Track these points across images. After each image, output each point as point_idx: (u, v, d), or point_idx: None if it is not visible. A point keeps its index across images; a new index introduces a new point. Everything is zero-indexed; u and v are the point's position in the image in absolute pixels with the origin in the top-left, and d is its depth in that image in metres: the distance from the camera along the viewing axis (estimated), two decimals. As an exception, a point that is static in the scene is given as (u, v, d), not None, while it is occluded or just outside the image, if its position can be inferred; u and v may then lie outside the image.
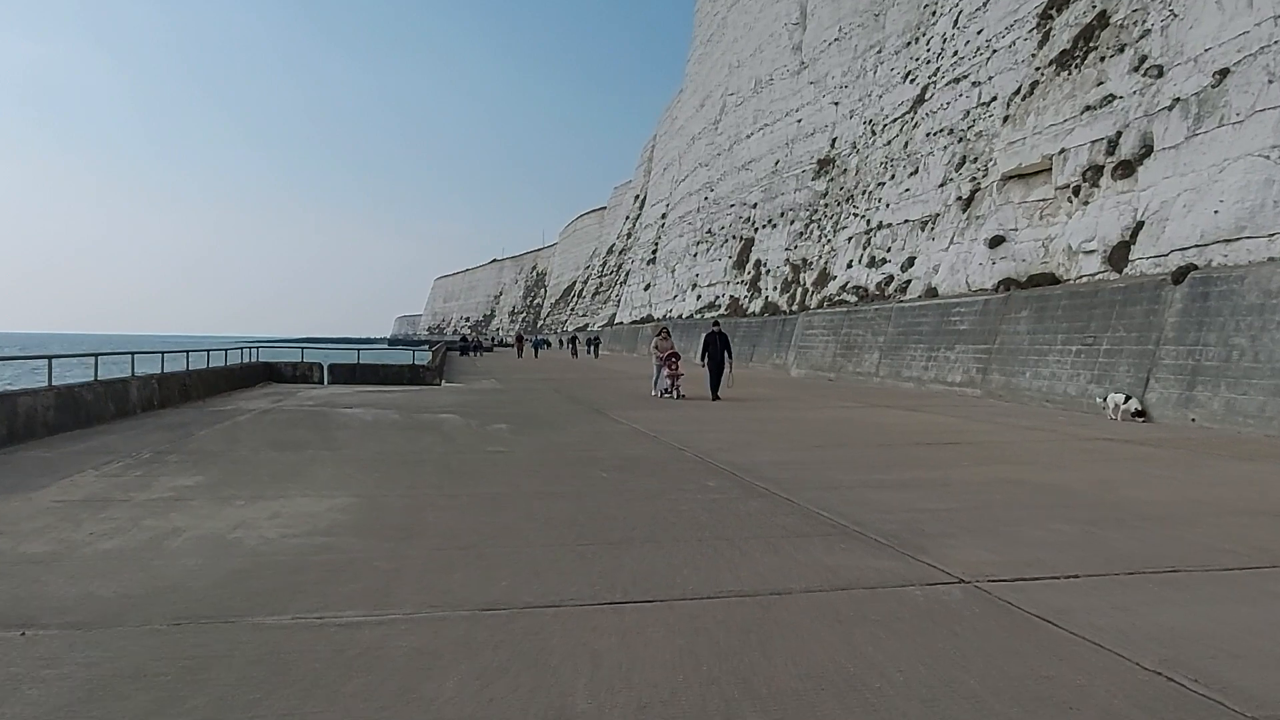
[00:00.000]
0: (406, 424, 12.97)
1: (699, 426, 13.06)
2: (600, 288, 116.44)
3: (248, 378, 21.12)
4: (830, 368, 29.63)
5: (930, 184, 27.70)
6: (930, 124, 29.55)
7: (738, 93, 57.25)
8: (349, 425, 12.65)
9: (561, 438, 11.47)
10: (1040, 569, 4.87)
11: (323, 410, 15.08)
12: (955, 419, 14.48)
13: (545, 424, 13.32)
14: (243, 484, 7.54)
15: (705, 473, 8.48)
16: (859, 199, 35.68)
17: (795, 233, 44.49)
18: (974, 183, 24.89)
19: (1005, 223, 22.31)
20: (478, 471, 8.49)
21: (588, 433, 12.14)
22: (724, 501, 6.95)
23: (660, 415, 14.86)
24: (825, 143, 44.13)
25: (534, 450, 10.13)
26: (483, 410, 15.65)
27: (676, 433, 12.02)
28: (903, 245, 28.73)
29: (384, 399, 18.08)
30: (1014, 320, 19.79)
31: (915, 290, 26.43)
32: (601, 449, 10.31)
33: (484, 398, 19.19)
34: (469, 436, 11.51)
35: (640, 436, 11.70)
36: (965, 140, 26.43)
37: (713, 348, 18.94)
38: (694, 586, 4.53)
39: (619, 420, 13.91)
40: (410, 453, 9.77)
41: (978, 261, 22.87)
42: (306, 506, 6.58)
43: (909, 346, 24.75)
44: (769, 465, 8.91)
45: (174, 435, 11.04)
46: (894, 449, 10.48)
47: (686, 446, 10.48)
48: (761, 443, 11.09)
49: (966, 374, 21.14)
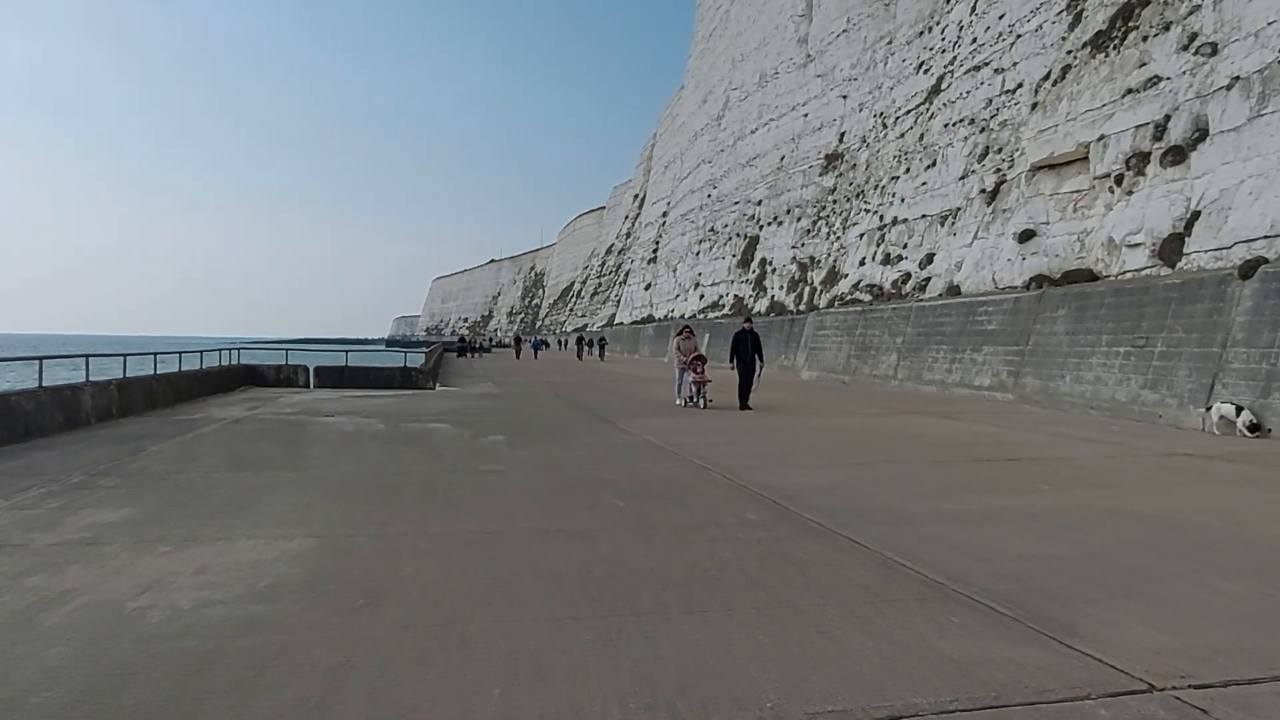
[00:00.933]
0: (391, 436, 11.56)
1: (719, 438, 11.67)
2: (599, 288, 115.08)
3: (226, 382, 19.70)
4: (844, 370, 28.24)
5: (950, 177, 26.32)
6: (948, 114, 28.18)
7: (741, 87, 55.89)
8: (325, 438, 11.23)
9: (565, 452, 10.07)
10: (1243, 661, 3.48)
11: (300, 419, 13.67)
12: (998, 428, 13.09)
13: (546, 435, 11.92)
14: (178, 519, 6.13)
15: (740, 500, 7.08)
16: (871, 194, 34.32)
17: (802, 230, 43.12)
18: (999, 174, 23.51)
19: (1035, 216, 20.93)
20: (468, 499, 7.08)
21: (595, 446, 10.73)
22: (772, 542, 5.55)
23: (674, 425, 13.46)
24: (833, 137, 42.76)
25: (534, 469, 8.73)
26: (477, 419, 14.24)
27: (695, 446, 10.62)
28: (920, 241, 27.36)
29: (371, 405, 16.67)
30: (1049, 320, 18.41)
31: (936, 288, 25.06)
32: (612, 467, 8.91)
33: (480, 404, 17.78)
34: (460, 451, 10.10)
35: (655, 451, 10.30)
36: (988, 130, 25.06)
37: (743, 348, 16.67)
38: (770, 698, 3.13)
39: (628, 430, 12.51)
40: (391, 473, 8.36)
41: (1005, 257, 21.49)
42: (249, 553, 5.18)
43: (930, 348, 23.38)
44: (813, 489, 7.51)
45: (120, 451, 9.62)
46: (950, 467, 9.09)
47: (710, 464, 9.08)
48: (795, 459, 9.69)
49: (996, 377, 19.76)
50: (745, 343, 16.71)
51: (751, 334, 16.89)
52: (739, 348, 16.71)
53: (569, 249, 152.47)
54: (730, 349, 16.92)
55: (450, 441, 11.00)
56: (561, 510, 6.65)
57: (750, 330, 16.99)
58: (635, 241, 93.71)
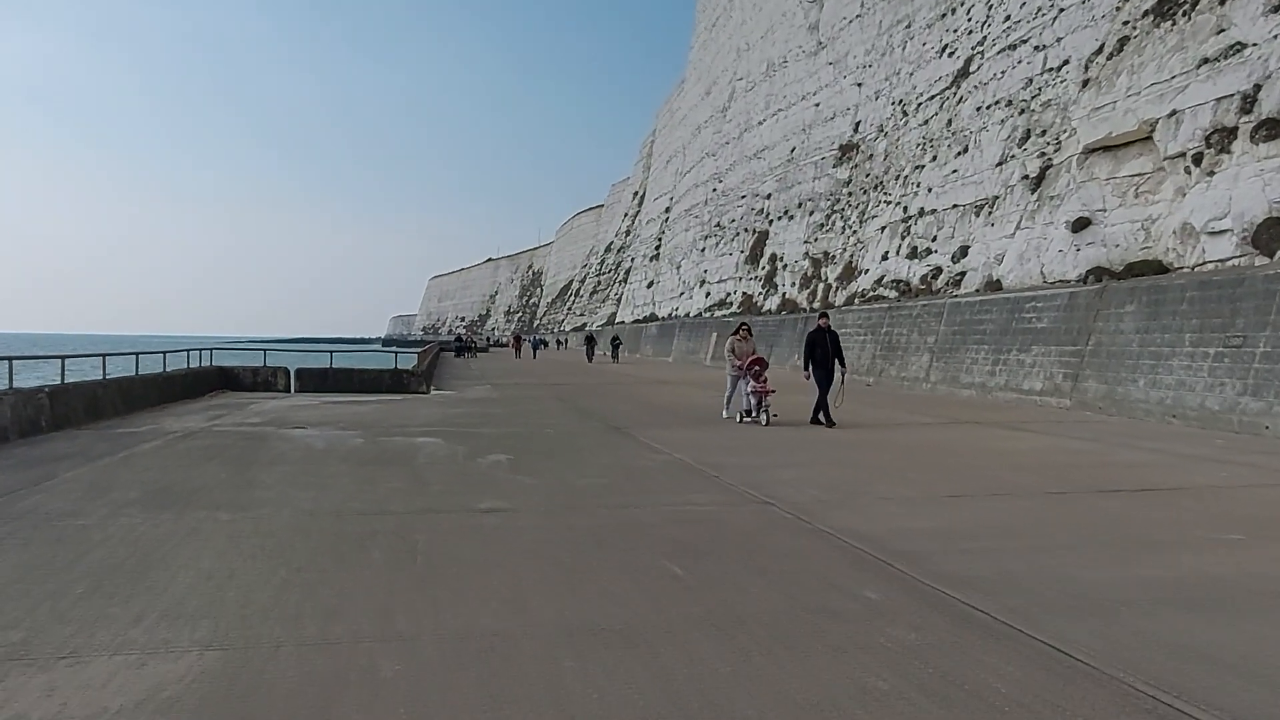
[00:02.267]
0: (368, 455, 9.53)
1: (763, 456, 9.67)
2: (598, 286, 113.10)
3: (195, 386, 17.65)
4: (868, 371, 26.26)
5: (985, 163, 24.34)
6: (980, 97, 26.20)
7: (747, 77, 53.90)
8: (287, 457, 9.20)
9: (582, 478, 8.06)
10: None
11: (264, 431, 11.63)
12: (1084, 442, 11.11)
13: (556, 453, 9.90)
14: (25, 604, 4.13)
15: (838, 561, 5.08)
16: (891, 185, 32.36)
17: (815, 224, 41.14)
18: (1044, 159, 21.53)
19: (1090, 203, 18.96)
20: (459, 562, 5.06)
21: (617, 469, 8.72)
22: (935, 655, 3.56)
23: (702, 438, 11.45)
24: (847, 127, 40.77)
25: (546, 507, 6.71)
26: (473, 431, 12.22)
27: (739, 469, 8.63)
28: (951, 233, 25.38)
29: (352, 413, 14.64)
30: (1114, 316, 16.44)
31: (971, 283, 23.09)
32: (645, 502, 6.91)
33: (476, 410, 15.76)
34: (451, 478, 8.08)
35: (692, 475, 8.29)
36: (1028, 112, 23.08)
37: (820, 350, 13.49)
38: None
39: (652, 446, 10.51)
40: (357, 514, 6.35)
41: (1056, 248, 19.51)
42: (99, 692, 3.16)
43: (968, 348, 21.40)
44: (927, 540, 5.53)
45: (20, 480, 7.59)
46: (1074, 501, 7.09)
47: (769, 496, 7.09)
48: (871, 487, 7.68)
49: (1049, 380, 17.79)
50: (824, 344, 13.56)
51: (830, 333, 13.69)
52: (815, 350, 13.53)
53: (567, 247, 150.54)
54: (804, 352, 13.70)
55: (439, 463, 8.97)
56: (593, 583, 4.63)
57: (828, 329, 13.79)
58: (636, 239, 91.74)
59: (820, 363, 13.46)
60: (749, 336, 14.68)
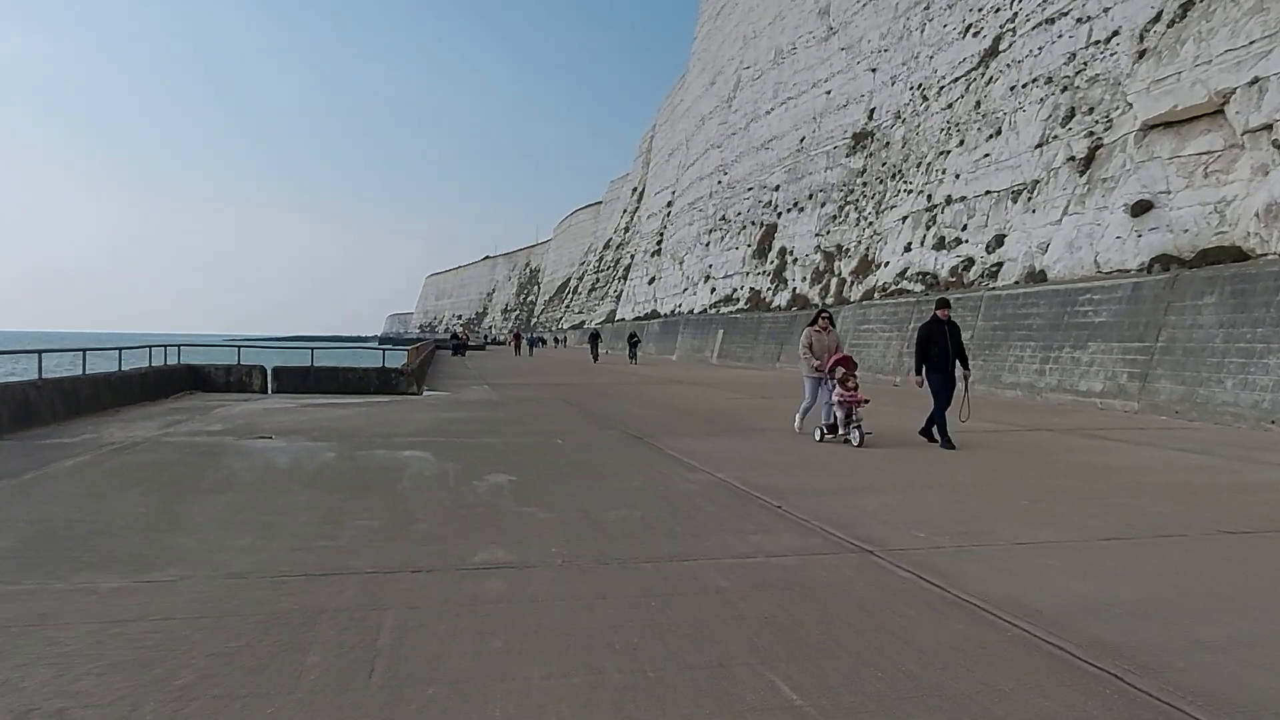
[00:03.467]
0: (339, 477, 7.70)
1: (824, 474, 7.85)
2: (597, 283, 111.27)
3: (157, 387, 15.79)
4: (893, 370, 24.45)
5: (1023, 145, 22.53)
6: (1014, 76, 24.39)
7: (754, 66, 52.06)
8: (235, 482, 7.36)
9: (609, 509, 6.25)
10: None
11: (221, 444, 9.79)
12: (1195, 455, 9.32)
13: (571, 471, 8.08)
14: None
15: (1026, 665, 3.28)
16: (912, 173, 30.57)
17: (827, 216, 39.33)
18: (1092, 139, 19.73)
19: (1151, 184, 17.16)
20: (440, 675, 3.23)
21: (650, 495, 6.89)
22: None
23: (738, 449, 9.63)
24: (860, 115, 38.96)
25: (568, 560, 4.89)
26: (470, 441, 10.39)
27: (800, 492, 6.83)
28: (984, 221, 23.58)
29: (332, 419, 12.81)
30: (1191, 309, 14.65)
31: (1010, 274, 21.29)
32: (700, 549, 5.09)
33: (473, 415, 13.93)
34: (441, 510, 6.26)
35: (746, 503, 6.47)
36: (1072, 89, 21.27)
37: (938, 348, 10.31)
38: None
39: (683, 459, 8.70)
40: (305, 576, 4.52)
41: (1114, 234, 17.70)
42: None
43: (1010, 344, 19.62)
44: (1135, 621, 3.75)
45: None
46: (1272, 548, 5.28)
47: (863, 538, 5.31)
48: (995, 526, 5.84)
49: (1111, 381, 15.99)
50: (942, 340, 10.30)
51: (950, 325, 10.42)
52: (931, 348, 10.32)
53: (565, 245, 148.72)
54: (916, 350, 10.56)
55: (427, 487, 7.14)
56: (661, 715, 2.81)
57: (948, 320, 10.46)
58: (636, 234, 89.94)
59: (938, 365, 10.26)
60: (830, 327, 11.41)
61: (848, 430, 10.20)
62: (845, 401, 10.25)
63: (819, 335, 11.19)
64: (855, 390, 10.36)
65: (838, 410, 10.34)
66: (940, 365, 10.29)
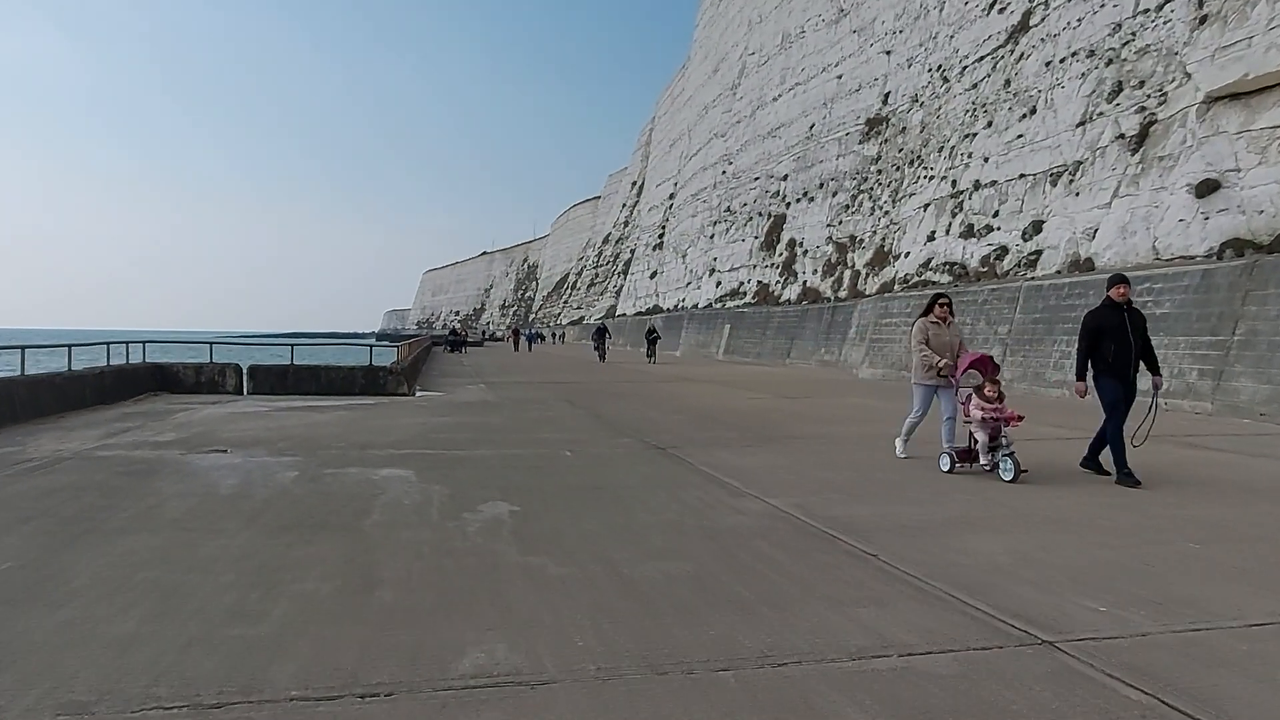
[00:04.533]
0: (293, 508, 6.05)
1: (904, 500, 6.22)
2: (596, 279, 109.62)
3: (115, 389, 14.13)
4: (920, 367, 22.82)
5: (1062, 124, 20.88)
6: (1049, 51, 22.73)
7: (760, 51, 50.34)
8: (157, 516, 5.72)
9: (643, 561, 4.62)
10: None
11: (162, 459, 8.14)
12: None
13: (585, 496, 6.45)
14: None
15: None
16: (933, 158, 28.92)
17: (839, 206, 37.69)
18: (1144, 114, 18.08)
19: (1217, 162, 15.52)
20: None
21: (692, 533, 5.27)
22: None
23: (783, 465, 7.98)
24: (874, 99, 37.29)
25: (600, 662, 3.25)
26: (462, 454, 8.76)
27: (892, 531, 5.21)
28: (1019, 207, 21.93)
29: (305, 425, 11.17)
30: (1274, 298, 13.03)
31: (1051, 263, 19.66)
32: (791, 640, 3.46)
33: (467, 420, 12.28)
34: (417, 565, 4.61)
35: (828, 550, 4.84)
36: (1118, 61, 19.62)
37: (1116, 343, 7.28)
38: None
39: (721, 479, 7.07)
40: (193, 698, 2.88)
41: (1175, 217, 16.07)
42: None
43: (1054, 339, 17.99)
44: None
45: None
46: None
47: (1033, 619, 3.67)
48: (1199, 596, 4.21)
49: (1178, 379, 14.36)
50: (1121, 332, 7.28)
51: (1131, 312, 7.41)
52: (1105, 342, 7.31)
53: (563, 240, 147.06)
54: (1081, 347, 7.54)
55: (403, 525, 5.49)
56: None
57: (1127, 304, 7.43)
58: (636, 228, 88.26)
59: (1116, 368, 7.26)
60: (951, 316, 8.37)
61: (992, 458, 7.32)
62: (990, 419, 7.33)
63: (937, 328, 8.25)
64: (1003, 403, 7.46)
65: (976, 431, 7.46)
66: (1118, 368, 7.23)
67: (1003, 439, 7.33)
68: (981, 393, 7.53)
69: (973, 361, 7.84)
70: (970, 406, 7.55)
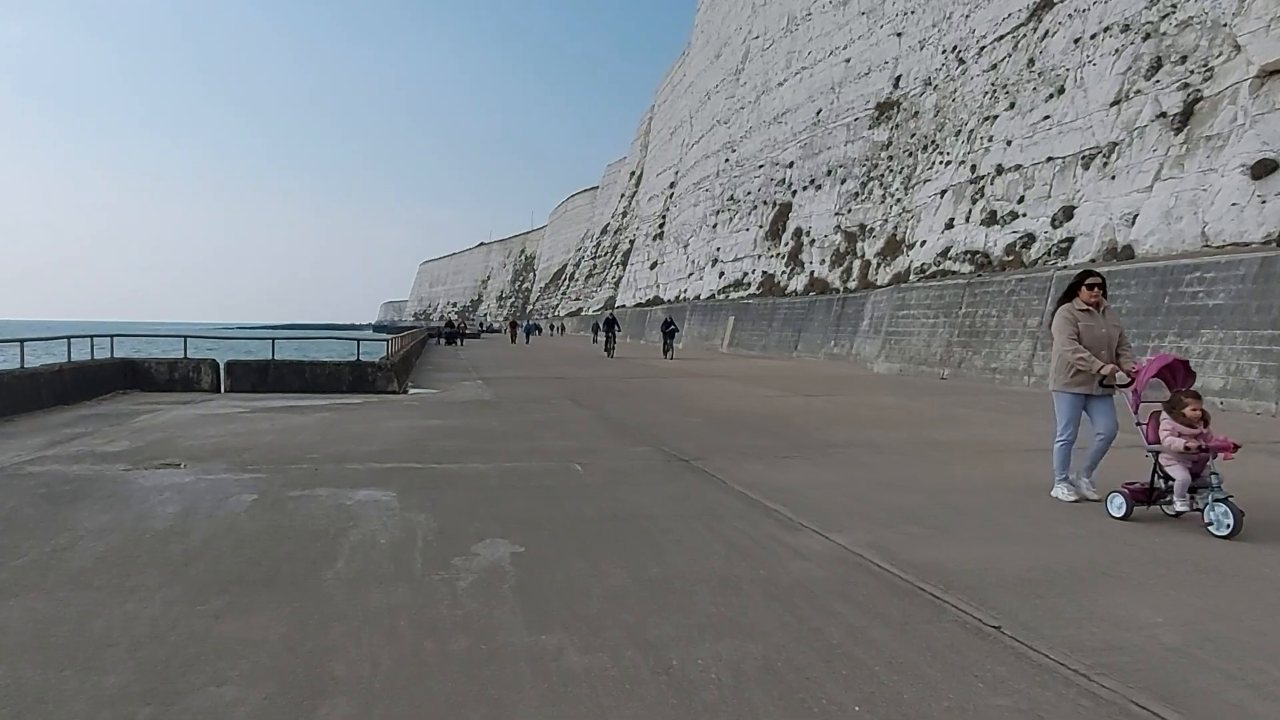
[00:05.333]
0: (236, 551, 4.84)
1: (1009, 539, 5.03)
2: (594, 270, 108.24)
3: (77, 388, 12.90)
4: (941, 361, 21.66)
5: (1094, 103, 19.65)
6: (1078, 27, 21.47)
7: (764, 35, 48.97)
8: (55, 566, 4.50)
9: (695, 645, 3.42)
10: None
11: (100, 477, 6.92)
12: None
13: (604, 535, 5.25)
14: None
15: None
16: (949, 142, 27.67)
17: (848, 193, 36.44)
18: (1188, 91, 16.85)
19: (1275, 140, 14.32)
20: None
21: (751, 594, 4.07)
22: None
23: (831, 481, 6.79)
24: (885, 83, 36.01)
25: None
26: (454, 469, 7.55)
27: (1010, 585, 4.04)
28: (1047, 192, 20.71)
29: (277, 431, 9.95)
30: (1350, 288, 11.86)
31: (1084, 251, 18.46)
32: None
33: (462, 424, 11.07)
34: (387, 650, 3.40)
35: (939, 622, 3.65)
36: (1157, 35, 18.37)
37: None
38: None
39: (768, 506, 5.89)
40: None
41: (1227, 201, 14.86)
42: None
43: (1091, 332, 16.78)
44: None
45: None
46: None
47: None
48: None
49: (1236, 376, 13.20)
50: None
51: None
52: None
53: (561, 231, 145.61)
54: None
55: (374, 579, 4.27)
56: None
57: None
58: (635, 218, 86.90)
59: None
60: (1105, 301, 6.24)
61: (1192, 503, 5.32)
62: (1199, 448, 5.30)
63: (1089, 317, 6.05)
64: (1207, 424, 5.42)
65: (1172, 467, 5.41)
66: None
67: (1211, 476, 5.29)
68: (1179, 413, 5.39)
69: (1160, 367, 5.68)
70: (1161, 431, 5.48)
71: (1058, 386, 6.22)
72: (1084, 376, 5.98)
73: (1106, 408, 6.09)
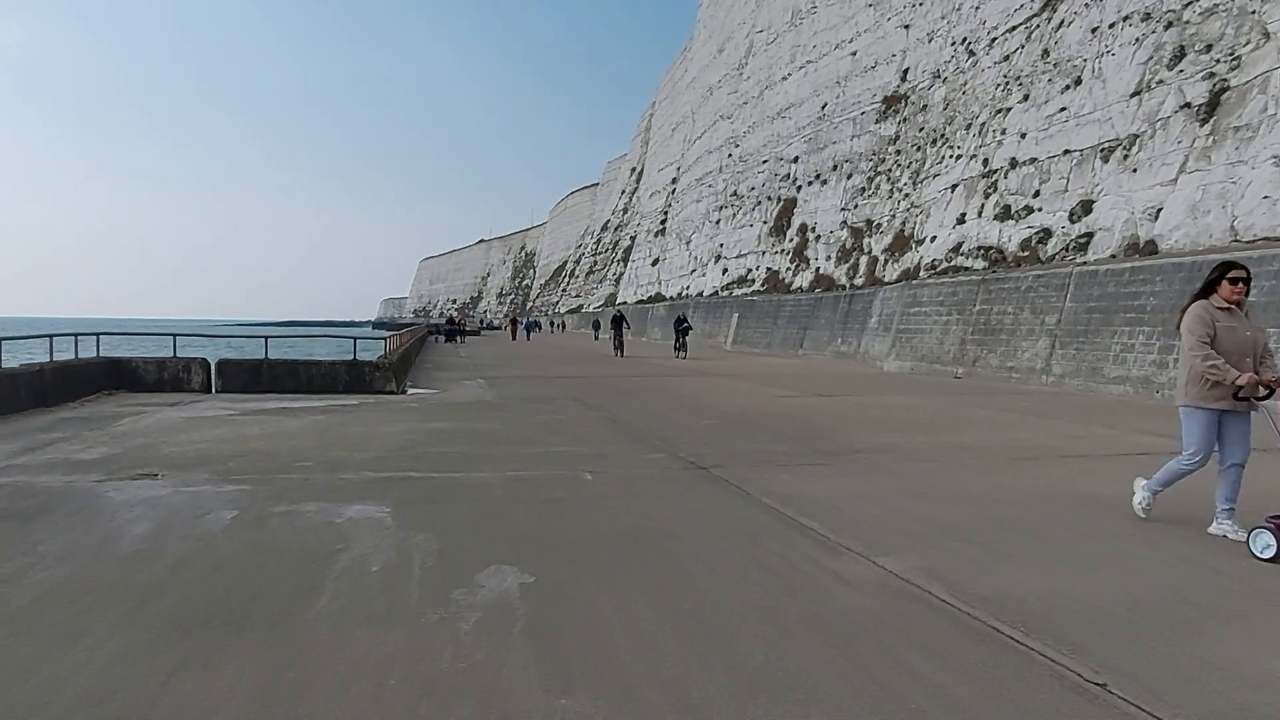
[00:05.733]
0: (207, 582, 4.28)
1: (1075, 561, 4.46)
2: (595, 266, 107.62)
3: (59, 389, 12.32)
4: (955, 359, 21.10)
5: (1113, 95, 19.07)
6: (1095, 16, 20.88)
7: (768, 29, 48.34)
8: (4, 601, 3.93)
9: (744, 706, 2.88)
10: None
11: (69, 490, 6.36)
12: None
13: (624, 558, 4.69)
14: None
15: None
16: (960, 136, 27.07)
17: (854, 189, 35.85)
18: (1214, 80, 16.27)
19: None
20: None
21: (801, 640, 3.51)
22: None
23: (866, 492, 6.23)
24: (892, 76, 35.40)
25: None
26: (455, 478, 6.99)
27: (1098, 625, 3.47)
28: (1064, 186, 20.14)
29: (267, 436, 9.39)
30: (1396, 284, 11.29)
31: (1104, 246, 17.89)
32: None
33: (463, 427, 10.50)
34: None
35: (1034, 680, 3.08)
36: (1179, 24, 17.78)
37: None
38: None
39: (802, 524, 5.33)
40: None
41: (1258, 194, 14.29)
42: None
43: (1113, 330, 16.23)
44: None
45: None
46: None
47: None
48: None
49: (1271, 376, 12.62)
50: None
51: None
52: None
53: (561, 227, 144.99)
54: None
55: (364, 618, 3.71)
56: None
57: None
58: (637, 214, 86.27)
59: None
60: (1247, 291, 5.15)
61: None
62: None
63: (1228, 317, 5.07)
64: None
65: None
66: None
67: None
68: None
69: None
70: None
71: (1189, 401, 5.13)
72: (1222, 389, 4.98)
73: (1242, 428, 5.09)
